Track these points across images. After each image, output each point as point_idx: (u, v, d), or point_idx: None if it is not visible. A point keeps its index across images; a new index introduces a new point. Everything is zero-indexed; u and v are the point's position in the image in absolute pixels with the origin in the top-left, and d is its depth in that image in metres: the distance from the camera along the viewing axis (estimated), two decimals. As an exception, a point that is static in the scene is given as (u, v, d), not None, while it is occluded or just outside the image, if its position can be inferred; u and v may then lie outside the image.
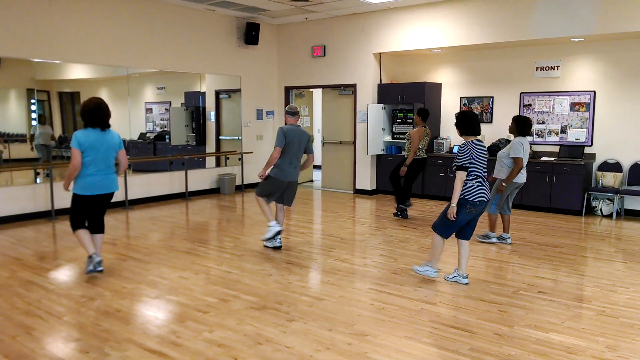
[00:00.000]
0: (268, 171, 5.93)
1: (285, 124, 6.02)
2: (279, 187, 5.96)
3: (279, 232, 6.07)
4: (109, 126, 4.93)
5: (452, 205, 4.60)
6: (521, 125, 6.16)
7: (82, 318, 4.08)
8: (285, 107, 11.27)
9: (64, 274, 5.31)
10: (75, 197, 4.94)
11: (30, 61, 7.72)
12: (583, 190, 8.05)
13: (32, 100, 8.10)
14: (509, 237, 6.42)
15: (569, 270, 5.35)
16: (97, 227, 5.13)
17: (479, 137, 4.77)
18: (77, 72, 8.69)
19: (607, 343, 3.62)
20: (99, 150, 4.82)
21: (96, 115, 4.81)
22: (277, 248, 6.12)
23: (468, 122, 4.71)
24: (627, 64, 8.06)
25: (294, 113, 5.99)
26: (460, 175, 4.57)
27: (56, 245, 6.48)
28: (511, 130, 6.30)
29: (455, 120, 4.81)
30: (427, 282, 4.93)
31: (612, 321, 4.01)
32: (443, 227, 4.76)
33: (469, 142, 4.65)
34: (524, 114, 8.98)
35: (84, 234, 4.98)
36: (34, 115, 8.16)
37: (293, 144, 5.86)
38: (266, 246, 6.17)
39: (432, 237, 4.90)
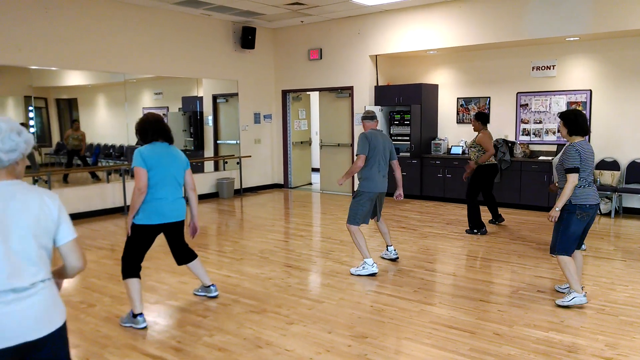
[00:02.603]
0: (345, 179, 5.43)
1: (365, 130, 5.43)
2: (372, 202, 5.37)
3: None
4: (173, 141, 4.15)
5: (556, 209, 4.21)
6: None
7: (81, 324, 4.07)
8: (279, 111, 11.43)
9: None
10: (137, 230, 3.98)
11: (27, 68, 7.73)
12: (581, 189, 8.05)
13: (30, 108, 8.11)
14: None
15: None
16: (186, 254, 4.34)
17: (585, 137, 4.35)
18: (74, 78, 8.69)
19: (606, 341, 3.63)
20: (167, 168, 3.97)
21: (161, 128, 4.02)
22: (394, 260, 5.70)
23: (577, 121, 4.26)
24: (623, 63, 8.08)
25: (372, 117, 5.40)
26: (573, 179, 4.13)
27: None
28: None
29: (561, 120, 4.36)
30: (427, 284, 4.94)
31: (612, 319, 4.02)
32: (562, 245, 4.25)
33: (576, 143, 4.23)
34: (521, 114, 9.00)
35: (136, 284, 4.00)
36: (32, 123, 8.16)
37: (378, 150, 5.25)
38: (382, 257, 5.73)
39: (557, 262, 4.36)
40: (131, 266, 4.02)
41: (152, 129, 3.99)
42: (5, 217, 1.87)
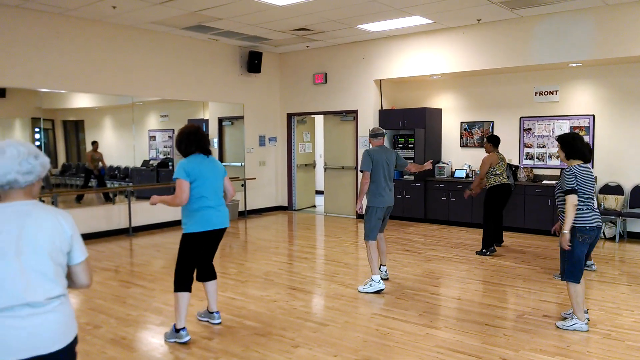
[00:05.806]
0: (363, 202, 5.52)
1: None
2: (383, 216, 5.54)
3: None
4: (210, 152, 4.30)
5: (564, 232, 4.17)
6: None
7: (87, 346, 4.08)
8: (284, 134, 11.51)
9: (68, 302, 5.30)
10: (188, 239, 4.18)
11: (35, 91, 7.85)
12: (585, 213, 8.04)
13: (37, 129, 8.20)
14: (592, 264, 6.24)
15: (574, 294, 5.33)
16: (209, 272, 4.43)
17: (587, 163, 4.33)
18: (82, 101, 8.82)
19: (613, 367, 3.61)
20: (208, 178, 4.12)
21: (199, 140, 4.16)
22: (383, 279, 5.70)
23: (574, 144, 4.29)
24: (625, 88, 8.16)
25: (377, 135, 5.58)
26: (571, 200, 4.13)
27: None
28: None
29: (559, 143, 4.39)
30: (432, 307, 4.93)
31: (618, 344, 4.00)
32: (571, 272, 4.24)
33: (573, 167, 4.24)
34: (525, 138, 9.06)
35: (186, 298, 4.14)
36: (37, 144, 8.25)
37: (382, 166, 5.42)
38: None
39: (567, 289, 4.38)
40: (184, 279, 4.15)
41: (191, 139, 4.13)
42: (21, 235, 1.94)
